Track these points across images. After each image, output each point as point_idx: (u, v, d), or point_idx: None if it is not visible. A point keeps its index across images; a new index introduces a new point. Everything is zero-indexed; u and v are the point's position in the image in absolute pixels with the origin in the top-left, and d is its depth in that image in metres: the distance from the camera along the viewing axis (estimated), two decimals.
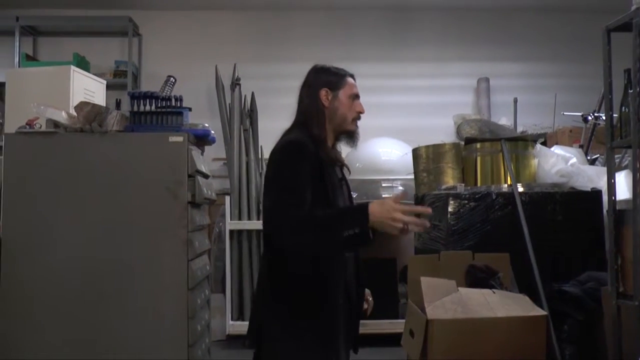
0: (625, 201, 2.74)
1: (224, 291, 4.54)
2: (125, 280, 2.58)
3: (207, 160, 5.19)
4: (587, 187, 4.01)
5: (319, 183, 1.77)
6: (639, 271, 2.44)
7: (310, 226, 1.65)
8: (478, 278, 3.21)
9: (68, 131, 2.68)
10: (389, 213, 1.59)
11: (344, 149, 2.17)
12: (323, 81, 1.93)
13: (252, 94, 4.80)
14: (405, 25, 5.95)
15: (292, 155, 1.78)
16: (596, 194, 3.90)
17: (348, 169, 2.06)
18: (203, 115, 5.09)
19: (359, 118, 1.97)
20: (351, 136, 1.96)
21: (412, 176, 4.26)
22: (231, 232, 4.48)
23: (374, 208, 1.61)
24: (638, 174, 2.53)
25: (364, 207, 1.62)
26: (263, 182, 1.99)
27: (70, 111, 2.79)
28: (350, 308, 1.89)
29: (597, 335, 3.40)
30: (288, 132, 1.93)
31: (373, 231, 1.62)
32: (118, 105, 5.43)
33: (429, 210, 1.78)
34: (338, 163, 1.96)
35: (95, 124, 2.65)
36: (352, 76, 1.99)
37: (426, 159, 4.08)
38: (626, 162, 4.28)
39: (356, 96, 1.96)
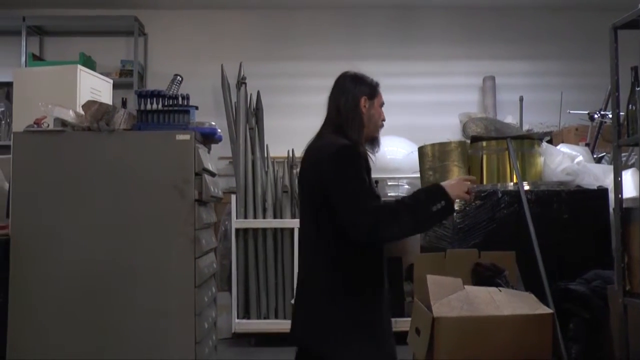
0: (632, 199, 2.74)
1: (230, 289, 4.56)
2: (133, 278, 2.59)
3: (214, 158, 5.22)
4: (594, 185, 4.01)
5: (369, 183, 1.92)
6: None
7: (403, 211, 1.82)
8: (484, 276, 3.21)
9: (75, 130, 2.70)
10: (462, 186, 1.91)
11: None
12: (362, 90, 2.06)
13: (258, 92, 4.81)
14: (411, 24, 5.94)
15: (353, 157, 1.90)
16: (602, 192, 3.90)
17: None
18: (209, 114, 5.10)
19: (382, 126, 2.14)
20: (375, 141, 2.13)
21: (418, 175, 4.27)
22: (237, 230, 4.50)
23: (449, 184, 1.90)
24: None
25: (439, 186, 1.90)
26: (306, 183, 2.04)
27: (78, 110, 2.81)
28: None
29: (604, 334, 3.40)
30: (322, 135, 2.05)
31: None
32: (124, 104, 5.46)
33: (474, 178, 2.06)
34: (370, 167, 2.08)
35: (102, 123, 2.66)
36: (379, 85, 2.15)
37: (432, 158, 4.08)
38: (633, 160, 4.27)
39: (383, 104, 2.14)
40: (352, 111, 2.02)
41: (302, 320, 1.99)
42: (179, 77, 3.93)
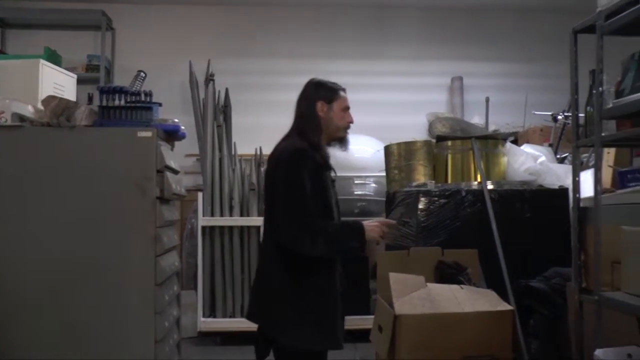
0: (590, 199, 2.80)
1: (196, 288, 4.52)
2: (92, 276, 2.55)
3: (180, 156, 5.18)
4: (555, 185, 4.09)
5: (317, 183, 2.07)
6: (598, 267, 2.49)
7: (322, 237, 2.00)
8: (447, 274, 3.25)
9: (34, 125, 2.64)
10: (379, 230, 2.10)
11: None
12: (320, 95, 2.21)
13: (226, 89, 4.78)
14: (381, 23, 5.98)
15: (298, 161, 2.05)
16: (564, 191, 3.98)
17: (335, 172, 2.29)
18: (177, 110, 5.06)
19: (349, 127, 2.26)
20: (342, 142, 2.26)
21: (384, 173, 4.30)
22: (203, 228, 4.46)
23: (369, 226, 2.09)
24: (599, 172, 2.59)
25: (361, 227, 2.08)
26: (267, 183, 2.20)
27: (39, 105, 2.75)
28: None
29: (562, 330, 3.48)
30: (287, 137, 2.21)
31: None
32: (90, 100, 5.36)
33: (393, 222, 2.26)
34: (331, 166, 2.23)
35: (62, 118, 2.62)
36: (344, 90, 2.27)
37: (398, 156, 4.12)
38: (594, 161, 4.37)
39: (347, 108, 2.24)
40: (310, 115, 2.18)
41: (257, 307, 2.18)
42: (142, 73, 3.89)
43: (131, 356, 2.52)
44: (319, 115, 2.17)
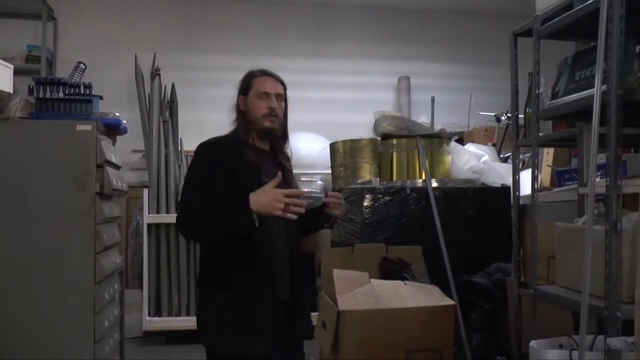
0: (529, 197, 2.90)
1: (141, 286, 4.43)
2: (28, 274, 2.46)
3: (126, 151, 5.07)
4: (497, 183, 4.21)
5: (224, 175, 1.98)
6: (534, 262, 2.58)
7: (198, 216, 1.92)
8: (391, 270, 3.29)
9: None
10: (272, 198, 1.86)
11: None
12: (239, 88, 2.16)
13: (173, 84, 4.69)
14: (330, 22, 6.01)
15: (196, 155, 2.08)
16: (505, 189, 4.10)
17: (287, 161, 2.21)
18: (122, 105, 4.92)
19: (271, 114, 2.07)
20: (268, 133, 2.09)
21: (330, 170, 4.32)
22: (149, 225, 4.37)
23: (257, 198, 1.87)
24: (537, 171, 2.68)
25: (246, 203, 1.87)
26: None
27: None
28: (278, 298, 2.01)
29: (503, 323, 3.59)
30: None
31: (259, 216, 1.88)
32: (31, 92, 5.12)
33: (302, 192, 2.04)
34: (264, 161, 2.08)
35: None
36: (267, 74, 2.14)
37: (343, 154, 4.14)
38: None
39: (265, 94, 2.09)
40: (236, 112, 2.15)
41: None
42: (82, 64, 3.77)
43: (69, 356, 2.44)
44: (241, 110, 2.12)
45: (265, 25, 5.89)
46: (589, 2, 2.14)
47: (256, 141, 2.10)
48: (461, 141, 5.22)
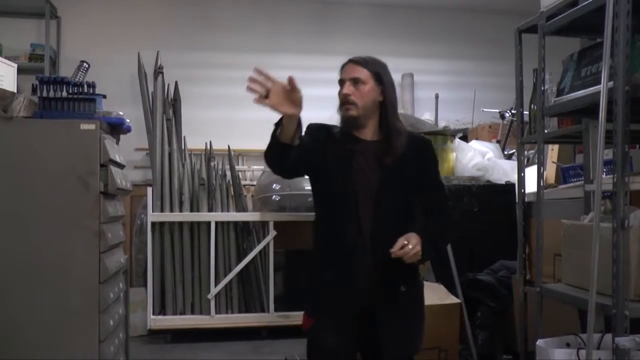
0: (534, 194, 2.89)
1: (145, 285, 4.43)
2: (33, 274, 2.45)
3: (129, 150, 5.07)
4: (502, 180, 4.20)
5: (320, 160, 2.01)
6: (540, 260, 2.57)
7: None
8: None
9: None
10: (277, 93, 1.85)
11: None
12: None
13: (176, 82, 4.68)
14: (332, 19, 5.99)
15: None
16: (510, 186, 4.08)
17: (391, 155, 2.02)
18: (125, 103, 4.92)
19: (343, 102, 2.03)
20: (347, 122, 2.04)
21: None
22: (153, 224, 4.36)
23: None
24: (542, 168, 2.67)
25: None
26: None
27: None
28: (346, 290, 1.97)
29: (508, 321, 3.58)
30: None
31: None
32: (34, 90, 5.12)
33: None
34: (358, 150, 2.02)
35: None
36: (349, 60, 2.07)
37: None
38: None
39: (341, 82, 2.05)
40: None
41: None
42: (85, 63, 3.77)
43: (74, 356, 2.43)
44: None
45: (268, 22, 5.88)
46: None
47: (353, 130, 2.04)
48: (465, 138, 5.20)
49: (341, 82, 2.05)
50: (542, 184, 2.65)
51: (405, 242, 1.83)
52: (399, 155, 2.00)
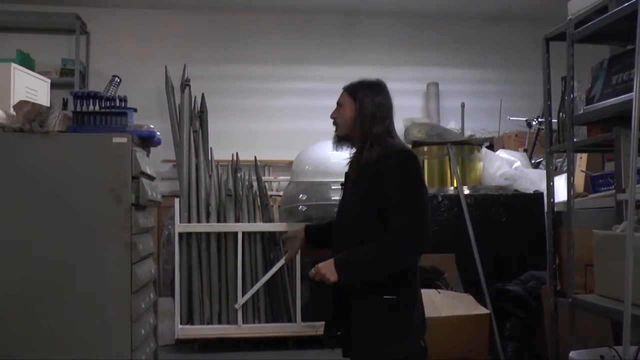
0: (563, 203, 2.86)
1: (173, 295, 4.47)
2: (67, 285, 2.50)
3: (157, 162, 5.15)
4: (530, 189, 4.16)
5: None
6: (572, 270, 2.53)
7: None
8: (424, 278, 3.26)
9: (6, 131, 2.59)
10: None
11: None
12: None
13: (202, 95, 4.75)
14: (357, 29, 6.01)
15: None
16: (538, 196, 4.05)
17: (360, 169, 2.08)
18: (153, 116, 5.02)
19: (333, 124, 2.20)
20: (338, 141, 2.20)
21: None
22: (180, 234, 4.42)
23: None
24: (572, 177, 2.64)
25: None
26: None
27: (10, 111, 2.70)
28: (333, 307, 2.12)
29: (538, 332, 3.53)
30: None
31: None
32: (65, 104, 5.29)
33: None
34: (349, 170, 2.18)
35: (35, 124, 2.57)
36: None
37: None
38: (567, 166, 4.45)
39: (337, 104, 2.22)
40: None
41: None
42: (117, 78, 3.85)
43: None
44: None
45: (292, 34, 5.93)
46: (626, 4, 2.10)
47: (345, 148, 2.20)
48: (491, 147, 5.16)
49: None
50: (572, 193, 2.62)
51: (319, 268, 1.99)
52: (365, 167, 2.04)
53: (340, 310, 2.06)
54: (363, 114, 2.10)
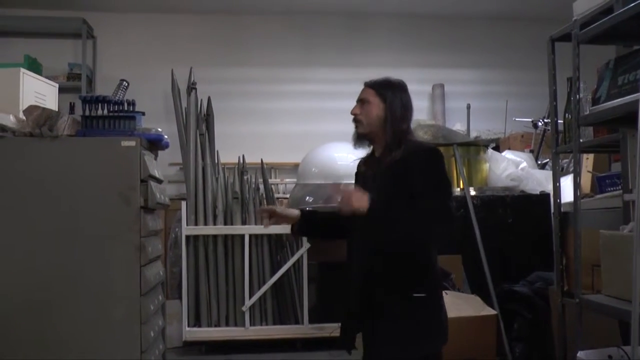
0: (570, 204, 2.86)
1: (180, 297, 4.49)
2: (76, 287, 2.53)
3: (164, 165, 5.17)
4: (536, 190, 4.16)
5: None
6: (579, 271, 2.54)
7: None
8: None
9: (17, 135, 2.62)
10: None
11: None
12: None
13: (209, 98, 4.77)
14: (362, 31, 6.02)
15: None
16: (545, 197, 4.05)
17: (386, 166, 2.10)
18: (159, 119, 5.04)
19: (353, 120, 2.20)
20: (358, 139, 2.21)
21: None
22: (187, 237, 4.44)
23: None
24: (579, 178, 2.64)
25: None
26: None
27: (20, 115, 2.73)
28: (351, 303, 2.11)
29: (546, 333, 3.53)
30: None
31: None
32: (72, 109, 5.32)
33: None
34: (370, 168, 2.18)
35: (45, 128, 2.59)
36: (364, 84, 2.27)
37: None
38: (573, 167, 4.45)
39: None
40: None
41: None
42: (125, 82, 3.87)
43: None
44: None
45: (298, 37, 5.94)
46: (632, 4, 2.11)
47: (376, 149, 2.18)
48: (497, 148, 5.16)
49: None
50: (579, 193, 2.62)
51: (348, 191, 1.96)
52: (393, 164, 2.05)
53: (363, 310, 2.05)
54: (394, 114, 2.12)
